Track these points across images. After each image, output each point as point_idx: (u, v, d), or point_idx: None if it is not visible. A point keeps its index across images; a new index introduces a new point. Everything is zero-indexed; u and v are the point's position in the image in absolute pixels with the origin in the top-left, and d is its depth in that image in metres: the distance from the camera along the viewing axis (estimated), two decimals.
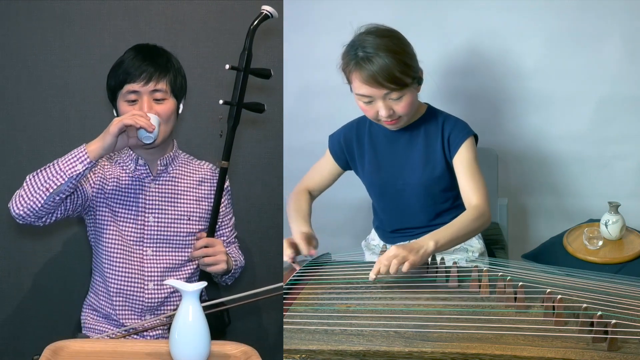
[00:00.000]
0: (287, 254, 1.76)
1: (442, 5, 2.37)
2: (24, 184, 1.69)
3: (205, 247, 1.89)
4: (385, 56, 1.71)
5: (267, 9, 1.86)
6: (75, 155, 1.67)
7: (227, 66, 1.82)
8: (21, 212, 1.68)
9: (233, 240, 2.06)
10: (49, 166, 1.69)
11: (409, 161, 1.91)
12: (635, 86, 2.37)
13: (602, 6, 2.31)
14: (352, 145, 1.97)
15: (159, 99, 1.83)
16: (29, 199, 1.67)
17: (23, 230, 2.21)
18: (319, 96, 2.52)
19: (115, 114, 1.98)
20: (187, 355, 1.39)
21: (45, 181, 1.66)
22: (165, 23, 2.22)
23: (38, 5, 2.16)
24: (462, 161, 1.84)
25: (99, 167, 1.89)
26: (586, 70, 2.39)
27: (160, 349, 1.50)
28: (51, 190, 1.66)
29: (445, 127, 1.88)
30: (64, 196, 1.70)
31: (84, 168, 1.67)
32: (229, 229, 2.04)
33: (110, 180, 1.88)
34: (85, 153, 1.67)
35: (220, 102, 1.84)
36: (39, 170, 1.69)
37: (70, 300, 2.20)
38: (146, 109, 1.80)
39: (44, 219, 1.73)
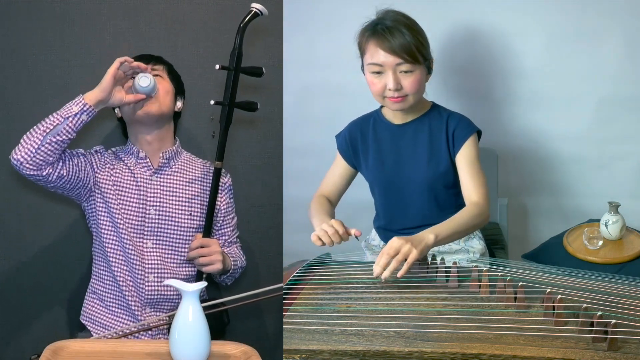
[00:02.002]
0: (340, 230, 1.69)
1: (442, 4, 2.36)
2: (24, 136, 1.75)
3: (201, 247, 1.90)
4: (404, 29, 1.78)
5: (256, 6, 1.85)
6: (72, 101, 1.76)
7: (217, 66, 1.82)
8: (19, 157, 1.72)
9: (235, 240, 2.06)
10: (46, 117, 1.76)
11: (413, 157, 1.92)
12: (635, 86, 2.37)
13: (602, 6, 2.30)
14: (356, 142, 1.98)
15: (158, 74, 1.92)
16: (26, 143, 1.72)
17: (23, 230, 2.21)
18: (319, 96, 2.51)
19: (117, 114, 1.99)
20: (187, 355, 1.39)
21: (42, 125, 1.74)
22: (165, 23, 2.21)
23: (38, 5, 2.16)
24: (465, 158, 1.86)
25: (102, 159, 1.92)
26: (586, 70, 2.38)
27: (160, 349, 1.50)
28: (47, 131, 1.71)
29: (450, 123, 1.89)
30: (61, 140, 1.73)
31: (79, 109, 1.73)
32: (231, 228, 2.04)
33: (112, 172, 1.91)
34: (81, 97, 1.75)
35: (212, 102, 1.84)
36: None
37: (70, 299, 2.20)
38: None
39: (44, 172, 1.75)
